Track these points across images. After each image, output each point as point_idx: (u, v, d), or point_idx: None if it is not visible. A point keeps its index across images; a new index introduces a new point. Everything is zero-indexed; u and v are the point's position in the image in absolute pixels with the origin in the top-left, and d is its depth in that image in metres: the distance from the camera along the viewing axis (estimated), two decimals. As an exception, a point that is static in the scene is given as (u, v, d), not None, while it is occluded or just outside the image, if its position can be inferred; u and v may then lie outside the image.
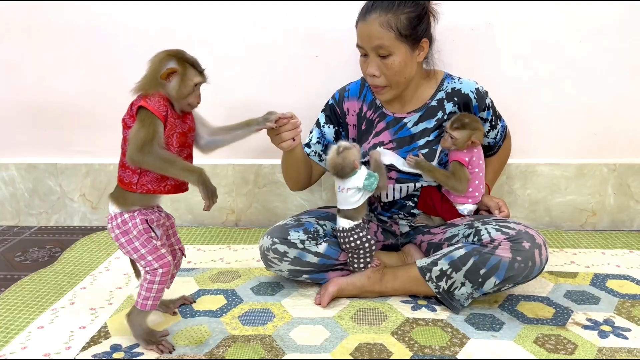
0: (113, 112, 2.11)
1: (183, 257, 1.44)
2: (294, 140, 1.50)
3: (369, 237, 1.50)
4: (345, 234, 1.49)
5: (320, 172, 1.76)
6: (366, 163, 1.56)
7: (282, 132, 1.48)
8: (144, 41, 2.03)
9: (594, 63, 1.98)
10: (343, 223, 1.49)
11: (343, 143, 1.46)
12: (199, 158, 2.11)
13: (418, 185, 1.62)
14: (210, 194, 1.21)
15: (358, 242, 1.48)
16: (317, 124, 1.73)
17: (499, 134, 1.68)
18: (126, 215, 1.27)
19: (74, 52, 2.07)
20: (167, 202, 2.18)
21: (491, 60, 1.99)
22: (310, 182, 1.75)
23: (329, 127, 1.71)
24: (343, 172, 1.45)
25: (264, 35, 2.01)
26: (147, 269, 1.27)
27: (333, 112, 1.71)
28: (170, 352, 1.27)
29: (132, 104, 1.25)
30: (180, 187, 1.30)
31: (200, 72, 1.25)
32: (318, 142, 1.72)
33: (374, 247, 1.51)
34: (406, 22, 1.45)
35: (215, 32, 2.02)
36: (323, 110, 1.73)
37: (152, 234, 1.27)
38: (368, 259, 1.51)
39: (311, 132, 1.73)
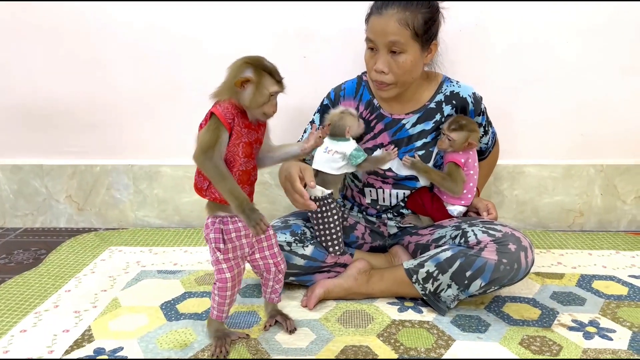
0: (100, 112, 2.11)
1: (279, 272, 1.36)
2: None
3: (339, 212, 1.51)
4: (318, 204, 1.47)
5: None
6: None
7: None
8: (132, 42, 2.02)
9: (582, 64, 1.98)
10: (316, 191, 1.46)
11: (350, 109, 1.51)
12: (187, 158, 2.12)
13: (414, 190, 1.62)
14: (253, 223, 1.13)
15: (328, 213, 1.48)
16: (312, 124, 1.71)
17: (490, 139, 1.69)
18: (209, 220, 1.27)
19: (61, 52, 2.06)
20: (155, 203, 2.17)
21: (479, 61, 1.99)
22: None
23: None
24: (334, 130, 1.48)
25: (252, 36, 2.00)
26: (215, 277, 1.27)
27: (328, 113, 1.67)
28: (223, 357, 1.25)
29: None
30: None
31: (278, 81, 1.20)
32: None
33: (342, 224, 1.52)
34: (422, 22, 1.44)
35: (204, 32, 2.00)
36: (318, 111, 1.70)
37: (220, 246, 1.24)
38: (340, 238, 1.52)
39: (304, 132, 1.72)
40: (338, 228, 1.51)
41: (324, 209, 1.48)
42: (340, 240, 1.52)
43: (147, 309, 1.50)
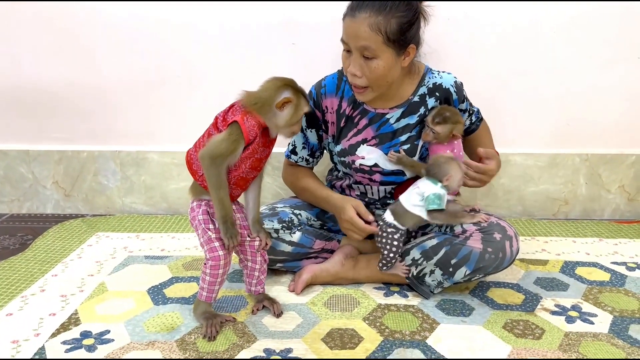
0: (86, 98, 2.10)
1: (264, 262, 1.41)
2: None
3: (399, 245, 1.46)
4: (383, 226, 1.45)
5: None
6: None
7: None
8: (119, 28, 2.01)
9: (567, 55, 2.00)
10: (388, 217, 1.45)
11: (461, 162, 1.46)
12: (175, 144, 2.11)
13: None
14: (227, 235, 1.25)
15: (388, 241, 1.45)
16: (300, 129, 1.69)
17: (474, 115, 1.66)
18: (194, 204, 1.32)
19: (48, 38, 2.03)
20: (142, 189, 2.17)
21: (467, 50, 2.00)
22: None
23: (310, 131, 1.64)
24: (433, 169, 1.43)
25: (240, 22, 1.99)
26: (205, 258, 1.30)
27: (314, 114, 1.62)
28: (209, 339, 1.27)
29: (231, 110, 1.28)
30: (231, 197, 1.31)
31: (308, 102, 1.29)
32: (304, 148, 1.66)
33: (397, 257, 1.48)
34: (396, 27, 1.37)
35: (192, 18, 1.99)
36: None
37: (210, 226, 1.28)
38: (393, 261, 1.47)
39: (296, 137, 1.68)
40: (392, 255, 1.46)
41: (385, 233, 1.45)
42: (391, 263, 1.48)
43: (134, 293, 1.50)
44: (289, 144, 1.68)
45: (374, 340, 1.27)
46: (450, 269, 1.42)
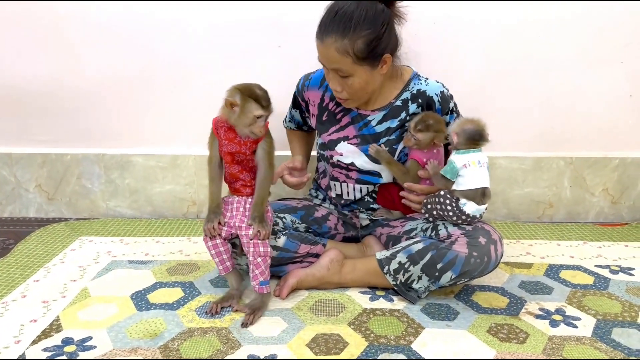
0: (70, 100, 2.08)
1: (257, 255, 1.41)
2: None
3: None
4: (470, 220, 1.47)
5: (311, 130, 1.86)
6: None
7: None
8: (103, 27, 1.98)
9: (551, 58, 2.01)
10: (478, 209, 1.45)
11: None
12: (160, 147, 2.10)
13: (377, 186, 1.63)
14: (206, 221, 1.41)
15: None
16: (291, 104, 1.80)
17: None
18: None
19: (30, 37, 2.01)
20: (126, 193, 2.15)
21: (452, 53, 2.00)
22: (312, 142, 1.91)
23: (295, 110, 1.78)
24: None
25: (227, 24, 1.98)
26: None
27: (298, 100, 1.74)
28: (213, 314, 1.40)
29: None
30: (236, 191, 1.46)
31: (263, 106, 1.34)
32: (291, 121, 1.83)
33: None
34: (363, 46, 1.39)
35: (176, 19, 1.98)
36: (293, 94, 1.76)
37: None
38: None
39: (284, 122, 1.86)
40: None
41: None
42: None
43: (117, 298, 1.48)
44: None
45: (359, 345, 1.27)
46: (436, 274, 1.42)
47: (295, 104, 1.76)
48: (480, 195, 1.44)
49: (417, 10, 1.88)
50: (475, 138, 1.44)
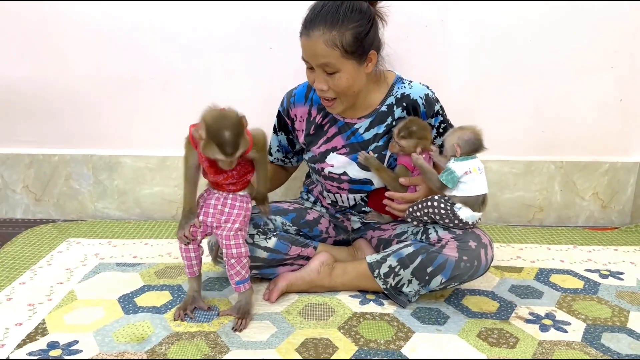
0: (58, 100, 2.06)
1: (230, 257, 1.36)
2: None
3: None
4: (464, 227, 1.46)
5: (293, 169, 1.83)
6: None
7: None
8: (91, 28, 1.97)
9: (542, 62, 2.02)
10: (473, 215, 1.44)
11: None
12: (149, 148, 2.08)
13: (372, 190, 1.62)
14: (179, 226, 1.37)
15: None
16: (274, 129, 1.71)
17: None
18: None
19: (18, 38, 1.98)
20: (115, 194, 2.13)
21: (444, 57, 2.00)
22: (286, 179, 1.85)
23: (280, 134, 1.70)
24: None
25: (217, 26, 1.97)
26: None
27: (283, 120, 1.68)
28: (181, 320, 1.38)
29: None
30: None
31: (226, 153, 1.22)
32: (278, 150, 1.73)
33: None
34: (352, 39, 1.38)
35: (165, 20, 1.96)
36: (277, 116, 1.70)
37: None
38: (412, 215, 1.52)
39: (270, 138, 1.72)
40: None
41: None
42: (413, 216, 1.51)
43: (104, 302, 1.46)
44: None
45: (348, 350, 1.26)
46: (426, 278, 1.42)
47: (280, 125, 1.69)
48: (480, 202, 1.44)
49: (410, 14, 1.89)
50: (477, 146, 1.44)
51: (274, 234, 1.53)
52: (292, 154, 1.74)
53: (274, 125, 1.70)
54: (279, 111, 1.68)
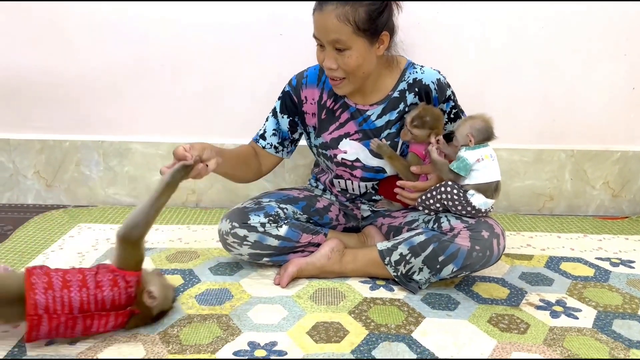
0: (68, 86, 2.06)
1: None
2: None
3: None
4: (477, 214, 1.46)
5: (275, 163, 1.71)
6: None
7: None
8: (100, 16, 1.97)
9: (553, 50, 2.00)
10: (486, 202, 1.44)
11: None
12: (159, 135, 2.08)
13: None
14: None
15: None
16: (274, 112, 1.65)
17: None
18: None
19: (28, 26, 1.99)
20: (125, 181, 2.14)
21: (453, 46, 1.99)
22: (259, 175, 1.70)
23: (282, 117, 1.64)
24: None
25: (226, 12, 1.96)
26: None
27: (290, 100, 1.63)
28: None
29: None
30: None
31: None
32: (274, 135, 1.66)
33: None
34: (365, 16, 1.36)
35: (175, 7, 1.96)
36: (280, 98, 1.65)
37: None
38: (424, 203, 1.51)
39: (266, 121, 1.67)
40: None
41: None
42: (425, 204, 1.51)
43: (117, 285, 1.47)
44: (261, 128, 1.67)
45: (359, 333, 1.27)
46: (438, 266, 1.42)
47: (285, 106, 1.63)
48: (493, 189, 1.44)
49: (419, 2, 1.88)
50: (489, 134, 1.44)
51: (285, 222, 1.53)
52: (289, 141, 1.68)
53: (274, 108, 1.65)
54: (285, 92, 1.64)
